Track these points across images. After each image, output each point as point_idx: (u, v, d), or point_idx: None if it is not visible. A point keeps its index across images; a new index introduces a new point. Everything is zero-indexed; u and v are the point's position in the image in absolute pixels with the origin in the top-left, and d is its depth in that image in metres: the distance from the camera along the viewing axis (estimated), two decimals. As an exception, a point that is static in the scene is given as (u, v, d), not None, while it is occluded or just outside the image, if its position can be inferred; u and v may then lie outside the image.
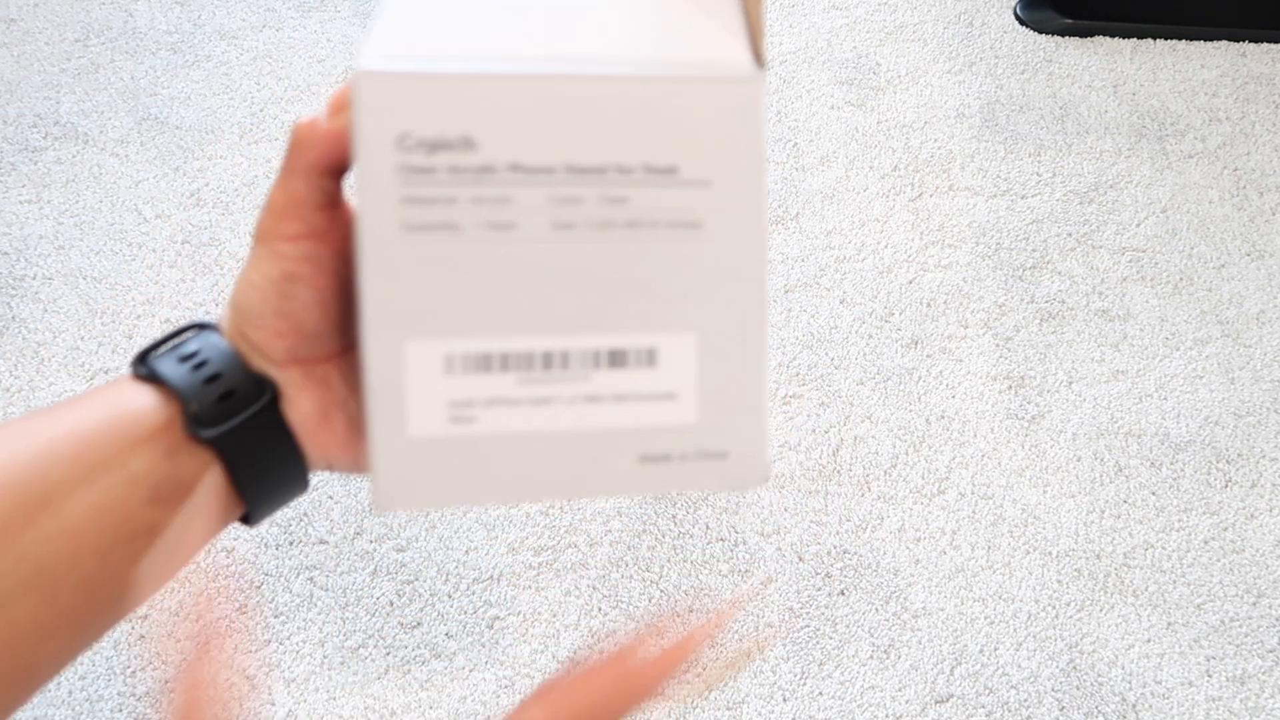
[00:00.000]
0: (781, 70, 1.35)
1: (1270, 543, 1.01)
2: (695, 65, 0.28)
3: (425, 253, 0.28)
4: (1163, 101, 1.35)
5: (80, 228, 1.14)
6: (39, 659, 0.28)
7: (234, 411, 0.30)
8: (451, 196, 0.28)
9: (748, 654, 0.91)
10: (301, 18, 1.36)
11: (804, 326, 1.12)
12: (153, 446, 0.29)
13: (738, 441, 0.30)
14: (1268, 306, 1.18)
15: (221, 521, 0.32)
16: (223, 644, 0.33)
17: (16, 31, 1.31)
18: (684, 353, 0.29)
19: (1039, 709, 0.91)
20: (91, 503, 0.28)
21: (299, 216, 0.30)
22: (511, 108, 0.27)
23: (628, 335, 0.29)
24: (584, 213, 0.28)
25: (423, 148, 0.27)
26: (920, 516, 1.00)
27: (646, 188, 0.28)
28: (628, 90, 0.28)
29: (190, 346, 0.31)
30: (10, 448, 0.29)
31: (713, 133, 0.28)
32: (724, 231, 0.29)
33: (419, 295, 0.28)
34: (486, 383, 0.29)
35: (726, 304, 0.29)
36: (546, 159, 0.28)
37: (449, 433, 0.29)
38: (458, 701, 0.88)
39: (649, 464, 0.30)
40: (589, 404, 0.29)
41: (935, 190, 1.25)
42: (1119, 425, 1.07)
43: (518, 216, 0.28)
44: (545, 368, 0.29)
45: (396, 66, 0.27)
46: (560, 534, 0.96)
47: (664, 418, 0.30)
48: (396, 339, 0.28)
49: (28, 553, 0.28)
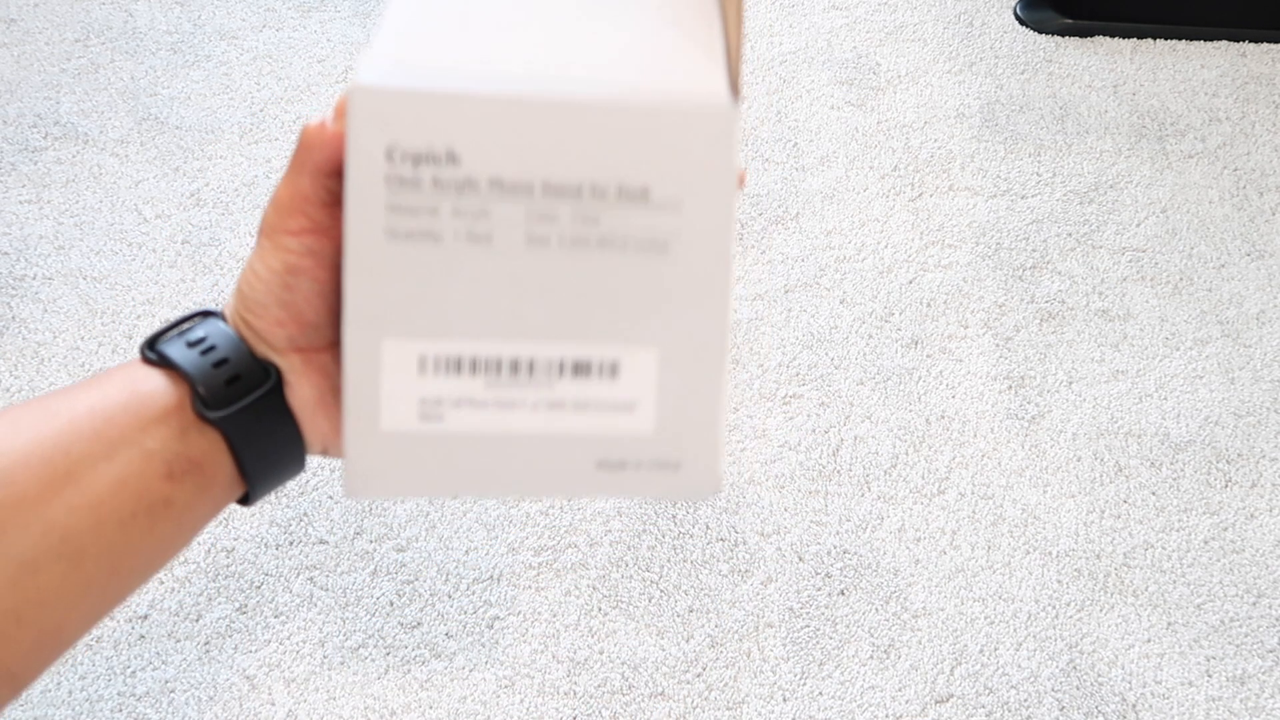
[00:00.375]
0: (781, 70, 1.35)
1: (1270, 543, 1.01)
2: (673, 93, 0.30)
3: (406, 259, 0.29)
4: (1163, 101, 1.35)
5: (80, 228, 1.14)
6: (67, 622, 0.30)
7: (240, 395, 0.32)
8: (434, 207, 0.29)
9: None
10: (301, 18, 1.36)
11: (804, 326, 1.12)
12: (166, 425, 0.31)
13: (692, 453, 0.32)
14: (1268, 306, 1.18)
15: (226, 498, 0.33)
16: None
17: (16, 31, 1.31)
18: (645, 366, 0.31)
19: (1039, 709, 0.91)
20: (112, 476, 0.30)
21: (303, 213, 0.32)
22: (495, 126, 0.29)
23: (592, 347, 0.31)
24: (558, 229, 0.30)
25: (409, 160, 0.29)
26: (920, 516, 1.00)
27: (619, 209, 0.30)
28: (606, 114, 0.29)
29: (198, 332, 0.33)
30: (34, 426, 0.30)
31: (686, 160, 0.30)
32: (691, 254, 0.30)
33: (398, 298, 0.29)
34: (456, 384, 0.30)
35: (689, 322, 0.31)
36: (525, 176, 0.29)
37: (419, 428, 0.30)
38: (458, 701, 0.88)
39: (606, 469, 0.32)
40: (552, 410, 0.31)
41: (935, 190, 1.25)
42: (1119, 425, 1.07)
43: (495, 229, 0.29)
44: (513, 373, 0.31)
45: (389, 82, 0.28)
46: (560, 534, 0.96)
47: (623, 427, 0.31)
48: (375, 337, 0.30)
49: (55, 522, 0.29)
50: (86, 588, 0.30)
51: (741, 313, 1.12)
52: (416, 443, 0.30)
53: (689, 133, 0.29)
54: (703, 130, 0.29)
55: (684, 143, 0.29)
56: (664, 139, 0.29)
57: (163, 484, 0.31)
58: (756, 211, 1.21)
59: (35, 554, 0.29)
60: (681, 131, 0.29)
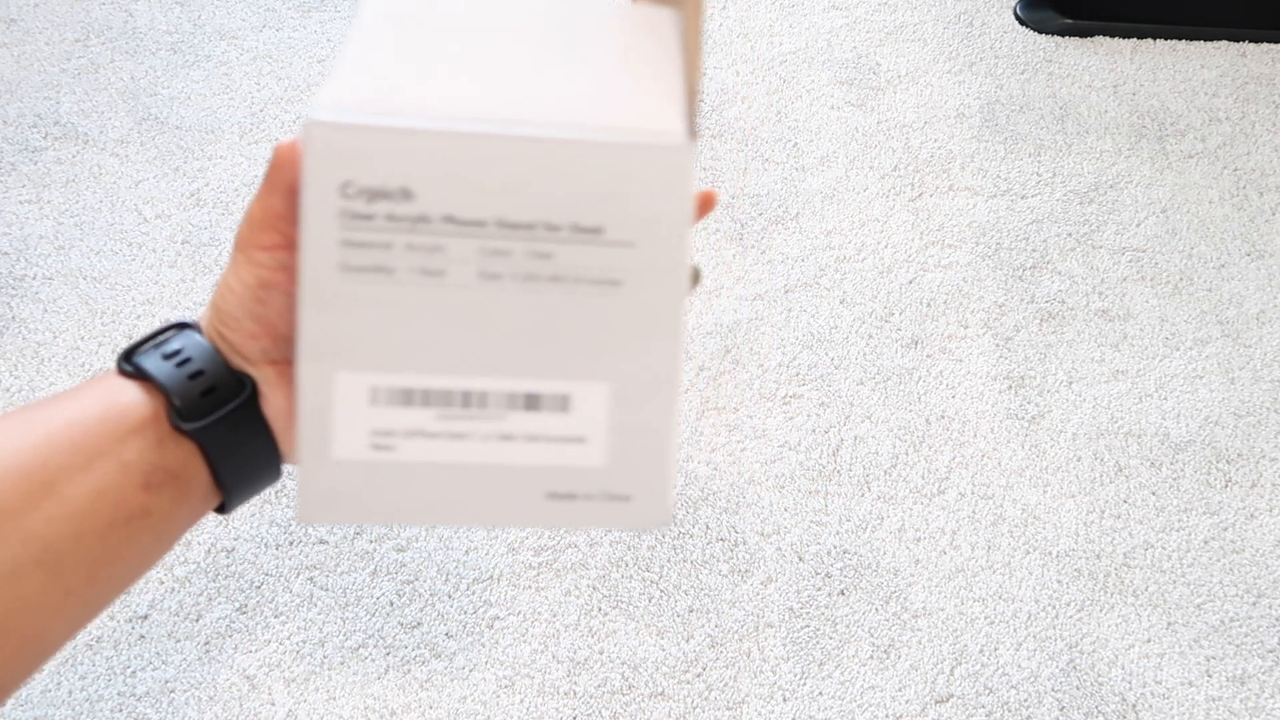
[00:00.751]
0: (781, 70, 1.35)
1: (1270, 543, 1.01)
2: (627, 131, 0.30)
3: (360, 292, 0.30)
4: (1163, 101, 1.35)
5: (80, 228, 1.14)
6: (48, 630, 0.31)
7: (215, 406, 0.33)
8: (388, 242, 0.29)
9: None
10: (301, 18, 1.36)
11: (804, 326, 1.12)
12: (143, 436, 0.32)
13: (641, 486, 0.32)
14: (1268, 306, 1.18)
15: (203, 508, 0.34)
16: None
17: (16, 31, 1.31)
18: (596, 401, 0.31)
19: (1039, 709, 0.91)
20: (90, 487, 0.31)
21: (276, 229, 0.32)
22: (448, 163, 0.29)
23: (543, 381, 0.31)
24: (511, 265, 0.30)
25: (364, 195, 0.29)
26: (920, 516, 1.00)
27: (572, 245, 0.30)
28: (559, 152, 0.29)
29: (174, 345, 0.34)
30: (12, 437, 0.31)
31: (639, 197, 0.30)
32: (643, 291, 0.31)
33: (351, 331, 0.30)
34: (408, 415, 0.31)
35: (640, 358, 0.31)
36: (479, 213, 0.30)
37: (370, 458, 0.31)
38: (458, 701, 0.88)
39: (556, 501, 0.32)
40: (503, 441, 0.31)
41: (935, 190, 1.25)
42: (1119, 425, 1.07)
43: (448, 265, 0.30)
44: (464, 405, 0.31)
45: (344, 118, 0.29)
46: (560, 534, 0.96)
47: (573, 459, 0.32)
48: (328, 369, 0.30)
49: (35, 532, 0.30)
50: (67, 596, 0.31)
51: (741, 313, 1.12)
52: (368, 471, 0.31)
53: (643, 170, 0.30)
54: (657, 168, 0.30)
55: (638, 180, 0.30)
56: (618, 176, 0.30)
57: (140, 494, 0.31)
58: (756, 211, 1.21)
59: (16, 563, 0.29)
60: (636, 169, 0.30)
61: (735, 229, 1.19)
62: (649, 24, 0.35)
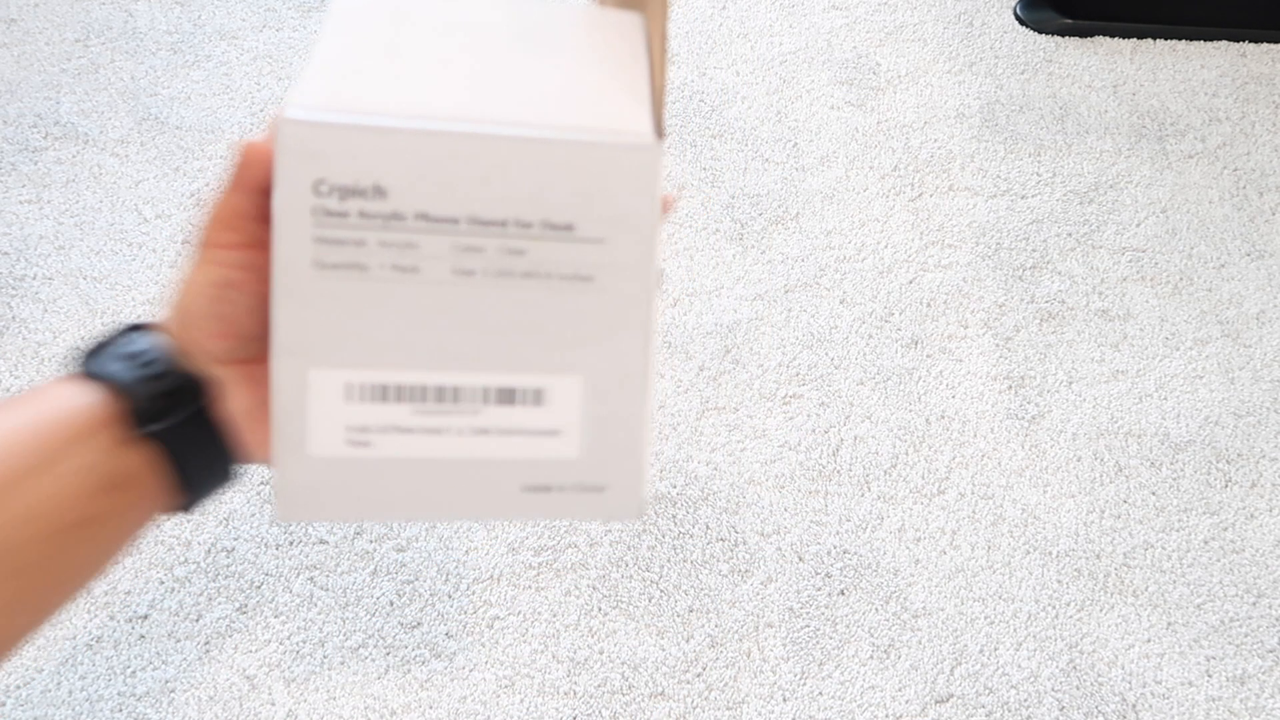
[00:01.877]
0: (781, 70, 1.35)
1: (1270, 543, 1.01)
2: (597, 130, 0.30)
3: (333, 289, 0.30)
4: (1163, 101, 1.35)
5: (80, 228, 1.14)
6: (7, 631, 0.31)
7: (175, 408, 0.33)
8: (361, 239, 0.30)
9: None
10: (301, 18, 1.36)
11: (804, 326, 1.12)
12: (101, 439, 0.32)
13: (616, 478, 0.33)
14: (1268, 306, 1.18)
15: (161, 509, 0.34)
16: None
17: (16, 31, 1.31)
18: (569, 394, 0.32)
19: (1039, 709, 0.91)
20: (48, 490, 0.31)
21: (240, 228, 0.32)
22: (421, 161, 0.29)
23: (517, 376, 0.31)
24: (484, 262, 0.30)
25: (336, 193, 0.29)
26: (920, 516, 1.00)
27: (544, 242, 0.31)
28: (530, 150, 0.30)
29: (134, 346, 0.33)
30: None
31: (609, 195, 0.30)
32: (614, 286, 0.31)
33: (325, 328, 0.30)
34: (383, 411, 0.31)
35: (612, 352, 0.32)
36: (451, 210, 0.30)
37: (346, 454, 0.31)
38: (458, 701, 0.88)
39: (531, 493, 0.32)
40: (478, 436, 0.32)
41: (935, 190, 1.25)
42: (1119, 425, 1.07)
43: (422, 261, 0.30)
44: (439, 400, 0.31)
45: (317, 116, 0.29)
46: (560, 534, 0.96)
47: (548, 452, 0.32)
48: (302, 366, 0.30)
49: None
50: (25, 598, 0.31)
51: (741, 313, 1.12)
52: (344, 468, 0.31)
53: (613, 168, 0.30)
54: (627, 165, 0.30)
55: (608, 178, 0.30)
56: (589, 174, 0.30)
57: (98, 498, 0.31)
58: (756, 211, 1.21)
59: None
60: (606, 167, 0.30)
61: (735, 229, 1.19)
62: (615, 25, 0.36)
